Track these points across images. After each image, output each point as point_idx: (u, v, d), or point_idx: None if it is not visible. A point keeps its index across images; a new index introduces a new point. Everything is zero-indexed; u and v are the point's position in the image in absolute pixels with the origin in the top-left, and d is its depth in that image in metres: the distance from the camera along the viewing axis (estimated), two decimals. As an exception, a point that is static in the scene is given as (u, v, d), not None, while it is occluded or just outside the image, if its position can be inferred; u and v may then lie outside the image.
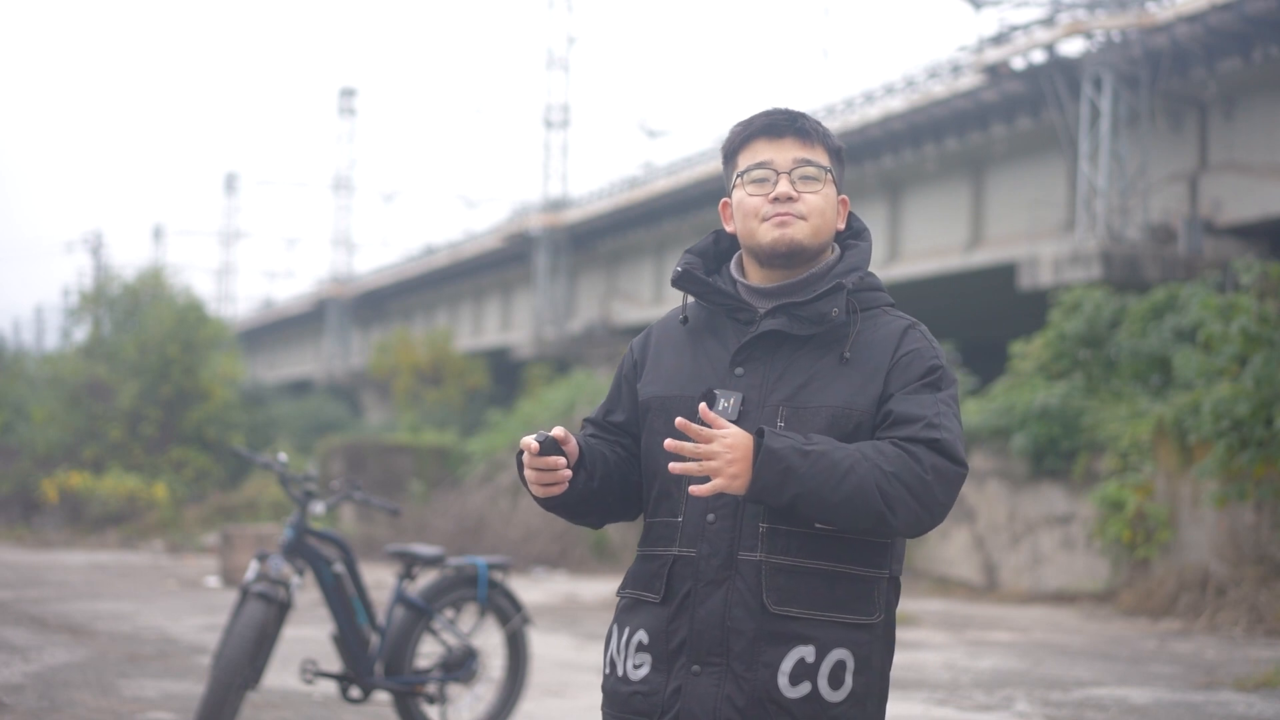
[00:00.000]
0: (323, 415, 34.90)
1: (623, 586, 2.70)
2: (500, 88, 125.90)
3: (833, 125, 25.55)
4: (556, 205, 36.67)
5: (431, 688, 6.44)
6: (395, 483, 23.45)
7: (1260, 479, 11.60)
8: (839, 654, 2.50)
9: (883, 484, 2.43)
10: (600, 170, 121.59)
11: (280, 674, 8.05)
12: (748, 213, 2.62)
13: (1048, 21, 20.70)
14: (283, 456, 6.63)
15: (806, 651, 2.49)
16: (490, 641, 6.84)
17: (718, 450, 2.42)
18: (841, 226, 2.70)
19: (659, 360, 2.69)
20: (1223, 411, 11.65)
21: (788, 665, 2.49)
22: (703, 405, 2.45)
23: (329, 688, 7.60)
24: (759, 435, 2.44)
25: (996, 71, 21.34)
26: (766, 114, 2.66)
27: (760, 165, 2.62)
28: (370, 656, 6.34)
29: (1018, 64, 20.99)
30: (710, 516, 2.54)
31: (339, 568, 6.33)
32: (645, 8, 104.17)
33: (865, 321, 2.61)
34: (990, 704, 7.84)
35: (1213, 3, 18.20)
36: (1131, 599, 12.88)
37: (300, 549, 6.26)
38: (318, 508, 6.42)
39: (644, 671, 2.58)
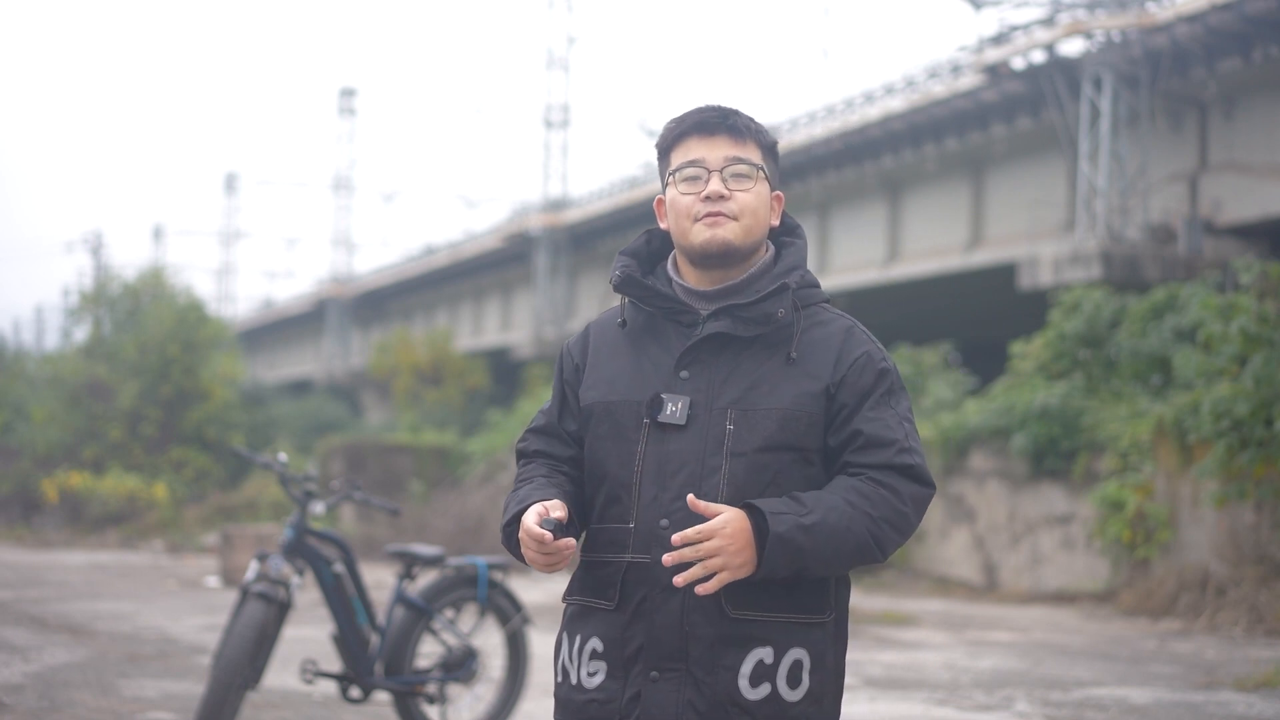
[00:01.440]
0: (323, 415, 34.90)
1: (569, 593, 2.66)
2: (500, 88, 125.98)
3: (833, 125, 25.58)
4: (556, 205, 36.68)
5: (431, 688, 6.44)
6: (395, 483, 23.45)
7: (1260, 479, 11.60)
8: (796, 653, 2.52)
9: (874, 531, 2.49)
10: (600, 170, 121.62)
11: (280, 674, 8.05)
12: (680, 211, 2.60)
13: (1048, 21, 20.71)
14: (283, 456, 6.63)
15: (765, 653, 2.50)
16: (490, 641, 6.84)
17: (719, 546, 2.41)
18: (776, 223, 2.68)
19: (599, 364, 2.65)
20: (1223, 411, 11.65)
21: (747, 667, 2.49)
22: (690, 496, 2.43)
23: (329, 688, 7.60)
24: (757, 516, 2.44)
25: (996, 71, 21.34)
26: (699, 111, 2.64)
27: (692, 163, 2.60)
28: (370, 656, 6.34)
29: (1018, 64, 20.99)
30: (664, 522, 2.51)
31: (339, 568, 6.33)
32: (645, 8, 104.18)
33: (806, 320, 2.61)
34: (990, 704, 7.84)
35: (1213, 3, 18.20)
36: (1131, 599, 12.88)
37: (300, 549, 6.26)
38: (318, 508, 6.42)
39: (599, 679, 2.56)
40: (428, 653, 6.73)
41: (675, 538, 2.42)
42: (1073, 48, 20.50)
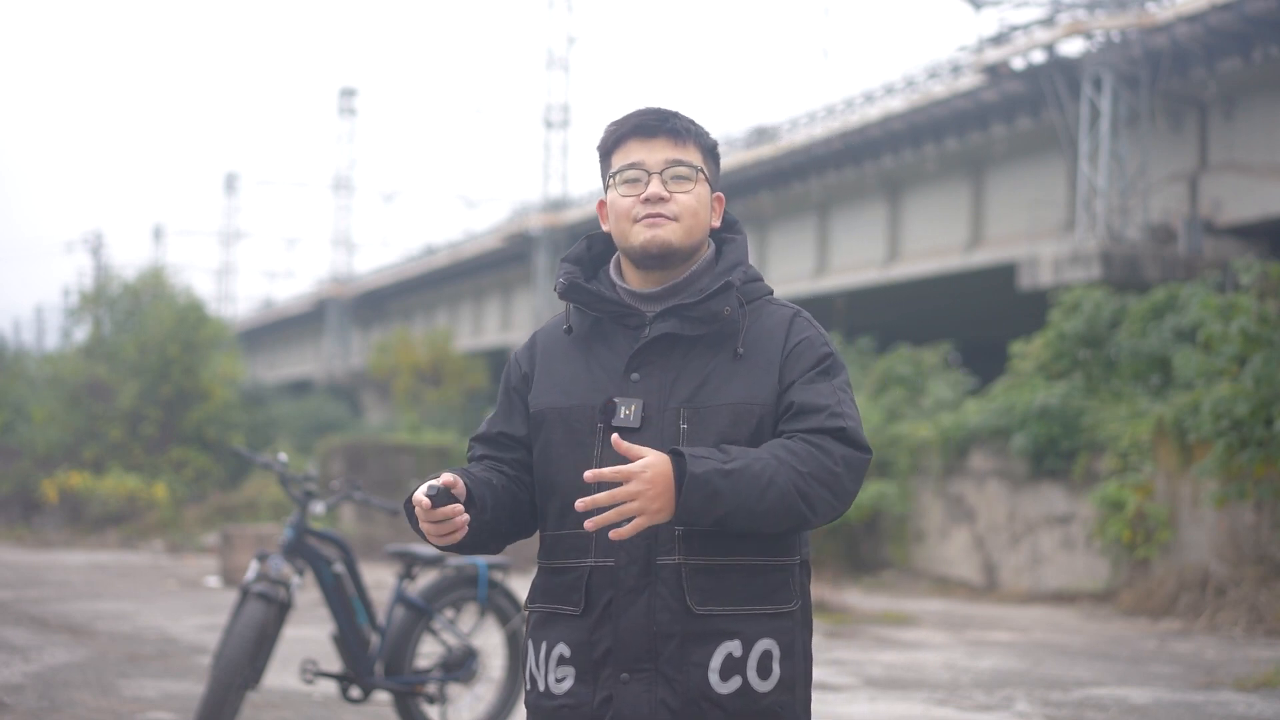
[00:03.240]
0: (323, 415, 34.90)
1: (530, 601, 2.67)
2: (500, 88, 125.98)
3: (833, 125, 25.60)
4: (556, 205, 36.69)
5: (431, 688, 6.44)
6: (395, 483, 23.44)
7: (1260, 479, 11.61)
8: (765, 644, 2.53)
9: (800, 485, 2.45)
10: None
11: (280, 674, 8.05)
12: (620, 213, 2.62)
13: (1048, 21, 20.72)
14: (283, 456, 6.63)
15: (733, 646, 2.51)
16: (490, 641, 6.84)
17: (637, 490, 2.39)
18: (717, 224, 2.70)
19: (549, 371, 2.66)
20: (1222, 411, 11.65)
21: (716, 662, 2.50)
22: (615, 436, 2.41)
23: (329, 688, 7.60)
24: (677, 458, 2.42)
25: (996, 71, 21.35)
26: (639, 113, 2.66)
27: (632, 166, 2.62)
28: (370, 656, 6.34)
29: (1018, 64, 21.00)
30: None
31: (339, 568, 6.33)
32: (645, 8, 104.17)
33: (752, 315, 2.62)
34: (990, 704, 7.84)
35: (1213, 3, 18.21)
36: (1131, 599, 12.88)
37: (300, 549, 6.26)
38: (318, 508, 6.42)
39: (568, 684, 2.56)
40: (428, 653, 6.72)
41: (588, 474, 2.42)
42: (1073, 48, 20.52)
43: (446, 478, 2.49)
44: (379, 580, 11.06)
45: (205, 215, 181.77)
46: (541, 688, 2.60)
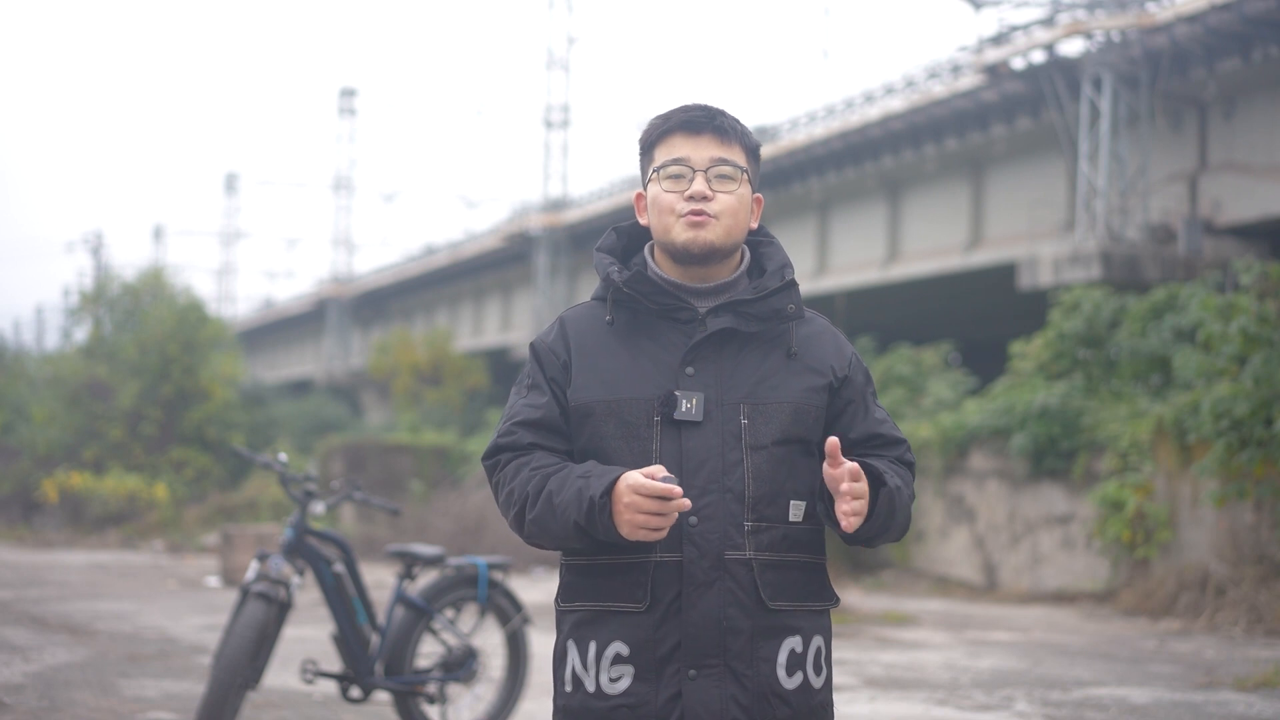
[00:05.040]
0: (323, 415, 34.90)
1: (570, 598, 2.60)
2: (500, 88, 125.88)
3: (833, 125, 25.60)
4: (556, 205, 36.69)
5: (432, 688, 6.44)
6: (395, 483, 23.46)
7: (1260, 479, 11.61)
8: (818, 640, 2.60)
9: (909, 509, 2.65)
10: (600, 170, 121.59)
11: (280, 674, 8.05)
12: (663, 209, 2.62)
13: (1048, 21, 20.72)
14: (283, 456, 6.64)
15: (795, 642, 2.55)
16: (490, 641, 6.84)
17: (862, 489, 2.48)
18: (754, 225, 2.71)
19: (589, 362, 2.61)
20: (1222, 411, 11.66)
21: (782, 657, 2.53)
22: (832, 439, 2.45)
23: (329, 688, 7.60)
24: (874, 472, 2.54)
25: (996, 71, 21.35)
26: (685, 109, 2.65)
27: (677, 161, 2.61)
28: (370, 656, 6.34)
29: (1018, 64, 21.00)
30: (693, 520, 2.51)
31: (339, 568, 6.33)
32: (645, 8, 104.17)
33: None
34: (990, 704, 7.85)
35: (1212, 3, 18.20)
36: (1131, 599, 12.89)
37: (300, 549, 6.27)
38: (318, 508, 6.42)
39: (625, 683, 2.52)
40: (428, 653, 6.73)
41: (845, 474, 2.43)
42: (1072, 48, 20.52)
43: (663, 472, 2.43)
44: (379, 580, 11.07)
45: (205, 215, 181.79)
46: (591, 688, 2.54)
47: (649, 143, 2.68)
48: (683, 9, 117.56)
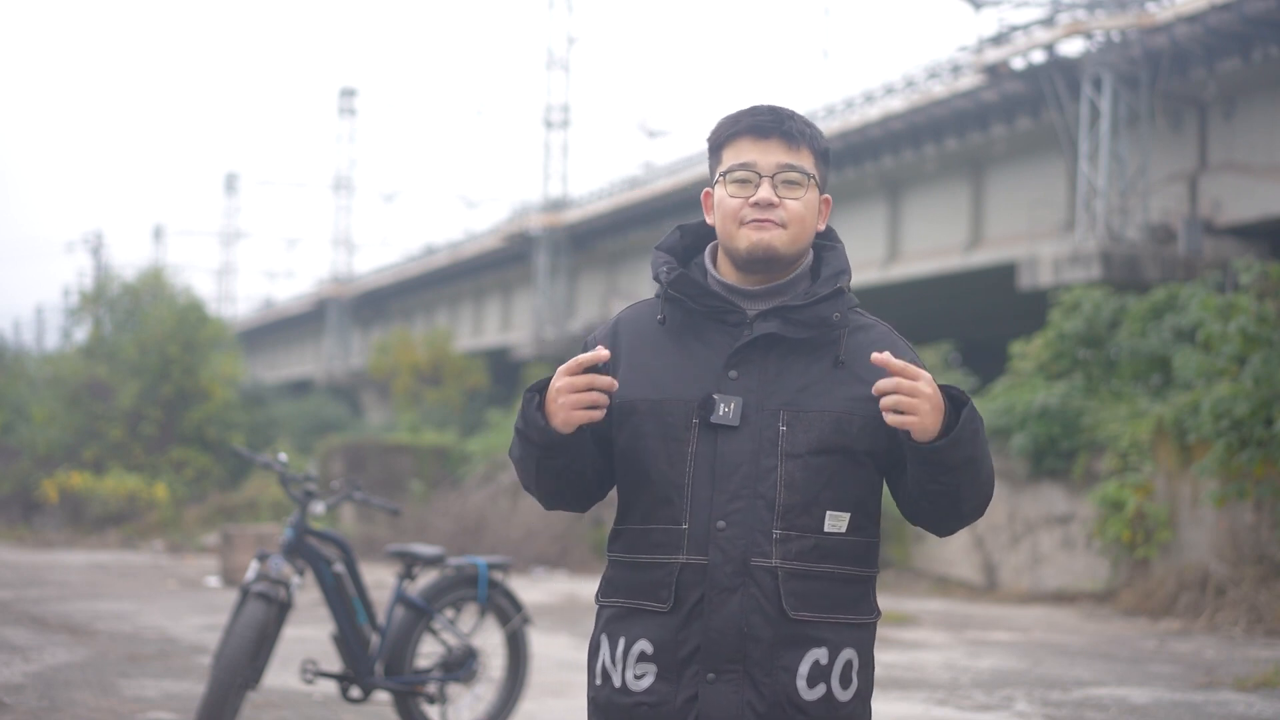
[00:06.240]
0: (323, 415, 34.90)
1: (608, 594, 2.63)
2: (500, 88, 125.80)
3: (833, 125, 25.57)
4: (556, 205, 36.68)
5: (431, 688, 6.45)
6: (395, 483, 23.46)
7: (1260, 478, 11.62)
8: (848, 654, 2.54)
9: (993, 477, 2.58)
10: (600, 170, 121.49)
11: (280, 674, 8.06)
12: (727, 213, 2.59)
13: (1048, 21, 20.71)
14: (283, 456, 6.64)
15: (820, 654, 2.52)
16: (490, 641, 6.84)
17: (924, 389, 2.41)
18: (822, 228, 2.67)
19: (637, 360, 2.61)
20: (1222, 411, 11.66)
21: (804, 668, 2.51)
22: (886, 354, 2.43)
23: (329, 688, 7.60)
24: (954, 391, 2.48)
25: (996, 71, 21.34)
26: (754, 112, 2.63)
27: (743, 166, 2.59)
28: (370, 656, 6.34)
29: (1018, 64, 20.99)
30: (720, 524, 2.50)
31: (339, 568, 6.33)
32: (645, 8, 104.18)
33: (848, 323, 2.61)
34: (990, 704, 7.85)
35: (1212, 3, 18.20)
36: (1131, 599, 12.89)
37: (300, 549, 6.27)
38: (318, 508, 6.42)
39: (648, 681, 2.54)
40: (428, 653, 6.73)
41: (874, 358, 2.42)
42: (1072, 48, 20.51)
43: (605, 351, 2.46)
44: (379, 580, 11.07)
45: (205, 215, 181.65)
46: (618, 684, 2.56)
47: (717, 144, 2.65)
48: (683, 9, 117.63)
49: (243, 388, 31.95)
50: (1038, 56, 20.77)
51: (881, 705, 7.73)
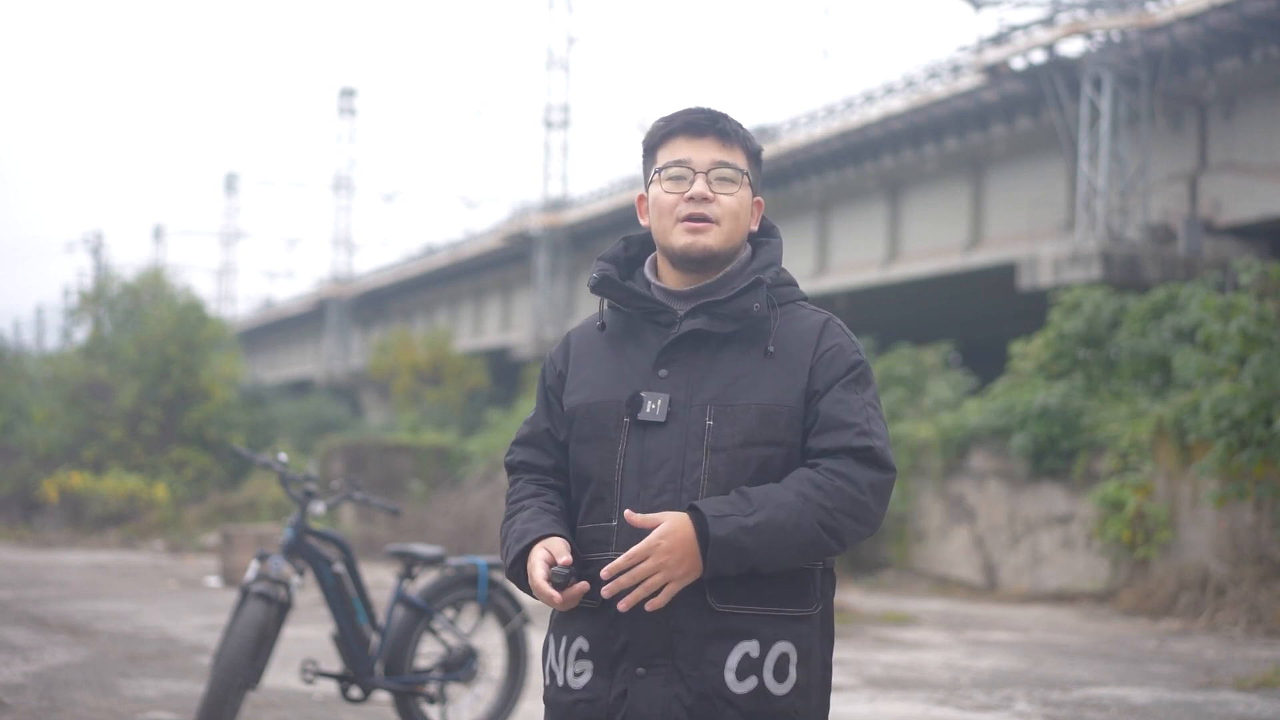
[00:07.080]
0: (323, 415, 34.90)
1: None
2: (500, 88, 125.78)
3: (832, 125, 25.60)
4: (556, 205, 36.69)
5: (431, 688, 6.45)
6: (395, 483, 23.46)
7: (1260, 478, 11.62)
8: (782, 647, 2.53)
9: (826, 521, 2.49)
10: (600, 170, 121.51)
11: (280, 674, 8.06)
12: (663, 210, 2.63)
13: (1048, 21, 20.71)
14: (283, 456, 6.64)
15: (750, 646, 2.52)
16: (490, 641, 6.84)
17: (658, 563, 2.44)
18: (755, 228, 2.71)
19: (580, 369, 2.68)
20: (1222, 411, 11.66)
21: (733, 661, 2.51)
22: (627, 512, 2.47)
23: (329, 688, 7.60)
24: (697, 517, 2.46)
25: (996, 71, 21.35)
26: (688, 112, 2.67)
27: (678, 163, 2.63)
28: (370, 656, 6.34)
29: (1018, 64, 20.99)
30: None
31: (339, 568, 6.33)
32: (645, 8, 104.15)
33: (784, 317, 2.63)
34: (990, 704, 7.85)
35: (1212, 3, 18.20)
36: (1131, 599, 12.89)
37: (300, 549, 6.27)
38: (318, 508, 6.43)
39: (585, 679, 2.57)
40: (428, 653, 6.73)
41: (604, 572, 2.47)
42: (1072, 48, 20.51)
43: (565, 556, 2.53)
44: (379, 580, 11.07)
45: (205, 215, 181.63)
46: (560, 682, 2.61)
47: (651, 145, 2.70)
48: (683, 9, 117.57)
49: (243, 388, 31.94)
50: (1038, 56, 20.77)
51: (881, 705, 7.74)
